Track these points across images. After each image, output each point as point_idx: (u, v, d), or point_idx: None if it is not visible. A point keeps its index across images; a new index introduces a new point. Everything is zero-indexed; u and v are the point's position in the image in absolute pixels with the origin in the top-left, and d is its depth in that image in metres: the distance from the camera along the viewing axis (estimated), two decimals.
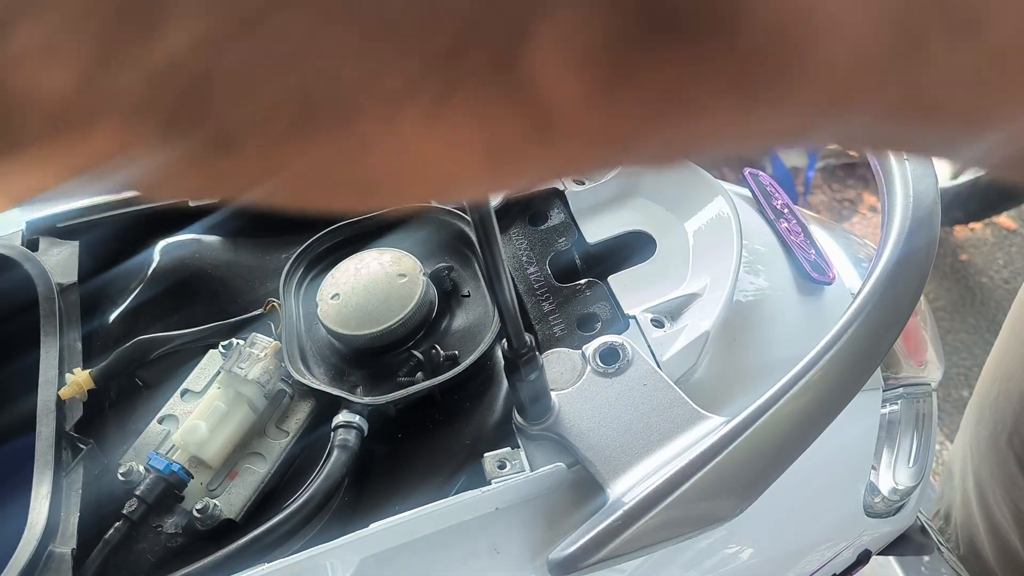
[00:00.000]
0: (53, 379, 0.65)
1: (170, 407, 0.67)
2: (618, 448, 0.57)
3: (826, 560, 0.73)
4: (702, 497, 0.52)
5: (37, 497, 0.57)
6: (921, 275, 0.59)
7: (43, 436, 0.61)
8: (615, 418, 0.59)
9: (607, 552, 0.50)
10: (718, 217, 0.72)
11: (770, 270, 0.75)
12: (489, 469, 0.58)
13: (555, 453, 0.59)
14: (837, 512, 0.72)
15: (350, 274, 0.70)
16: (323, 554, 0.53)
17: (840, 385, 0.55)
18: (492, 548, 0.56)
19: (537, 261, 0.74)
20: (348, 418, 0.62)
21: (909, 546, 0.89)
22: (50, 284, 0.70)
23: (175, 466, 0.61)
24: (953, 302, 2.15)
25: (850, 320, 0.55)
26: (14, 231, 0.77)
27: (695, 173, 0.76)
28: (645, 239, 0.74)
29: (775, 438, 0.53)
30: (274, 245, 0.81)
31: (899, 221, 0.60)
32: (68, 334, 0.69)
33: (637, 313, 0.66)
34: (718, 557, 0.64)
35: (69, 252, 0.76)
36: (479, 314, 0.70)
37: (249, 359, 0.66)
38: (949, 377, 2.02)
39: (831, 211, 2.41)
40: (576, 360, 0.63)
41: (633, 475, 0.55)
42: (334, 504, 0.62)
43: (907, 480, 0.80)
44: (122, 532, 0.59)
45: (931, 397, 0.86)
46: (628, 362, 0.61)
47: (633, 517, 0.51)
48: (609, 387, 0.61)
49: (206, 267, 0.77)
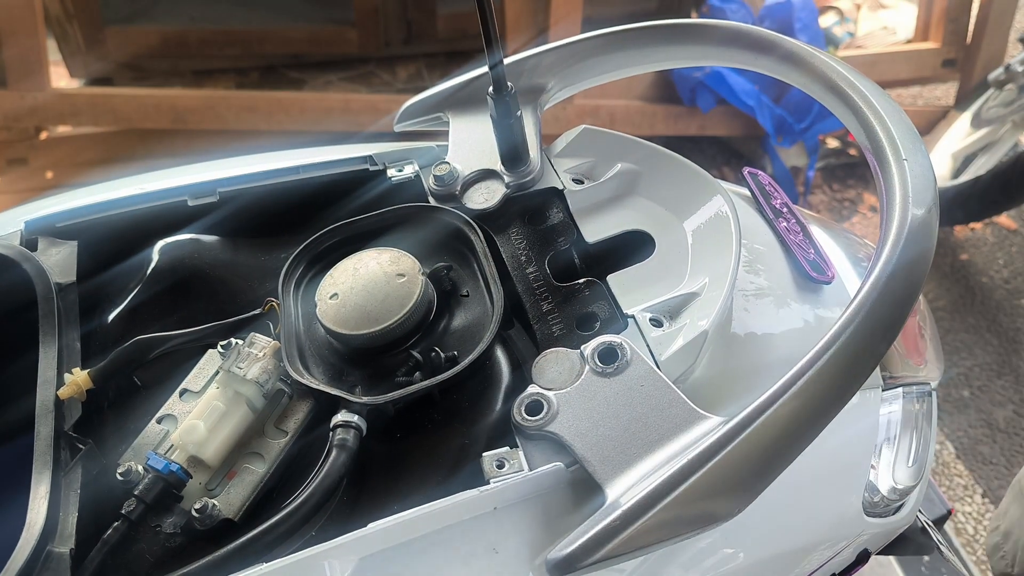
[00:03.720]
0: (52, 379, 0.65)
1: (169, 407, 0.67)
2: (616, 448, 0.57)
3: (826, 559, 0.73)
4: (700, 497, 0.52)
5: (36, 497, 0.57)
6: (920, 275, 0.59)
7: (42, 436, 0.61)
8: (613, 418, 0.59)
9: (605, 552, 0.50)
10: (717, 216, 0.72)
11: (769, 269, 0.75)
12: (488, 469, 0.58)
13: (554, 453, 0.59)
14: (837, 512, 0.72)
15: (349, 274, 0.70)
16: (322, 553, 0.53)
17: (839, 385, 0.55)
18: (491, 547, 0.56)
19: (536, 260, 0.74)
20: (347, 418, 0.62)
21: (909, 546, 0.89)
22: (49, 284, 0.70)
23: (174, 466, 0.61)
24: (953, 302, 2.15)
25: (849, 319, 0.55)
26: (13, 231, 0.77)
27: (694, 173, 0.76)
28: (644, 238, 0.74)
29: (774, 438, 0.53)
30: (273, 245, 0.81)
31: (898, 220, 0.60)
32: (67, 334, 0.69)
33: (636, 312, 0.66)
34: (718, 557, 0.64)
35: (68, 252, 0.76)
36: (478, 314, 0.70)
37: (248, 359, 0.66)
38: (949, 377, 2.02)
39: (831, 211, 2.41)
40: (575, 360, 0.63)
41: (631, 475, 0.55)
42: (333, 504, 0.62)
43: (906, 480, 0.80)
44: (121, 532, 0.59)
45: (931, 397, 0.86)
46: (627, 362, 0.61)
47: (631, 517, 0.51)
48: (608, 387, 0.60)
49: (205, 267, 0.77)
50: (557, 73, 0.86)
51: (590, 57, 0.85)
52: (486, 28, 0.67)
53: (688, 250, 0.71)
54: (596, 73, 0.87)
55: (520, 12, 2.29)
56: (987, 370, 2.03)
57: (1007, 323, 2.12)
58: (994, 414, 1.94)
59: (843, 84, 0.70)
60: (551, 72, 0.86)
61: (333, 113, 2.34)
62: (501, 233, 0.77)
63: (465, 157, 0.80)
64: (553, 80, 0.86)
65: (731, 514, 0.53)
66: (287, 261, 0.74)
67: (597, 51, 0.85)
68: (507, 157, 0.78)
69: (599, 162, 0.80)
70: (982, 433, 1.90)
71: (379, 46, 2.64)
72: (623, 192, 0.78)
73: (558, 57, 0.85)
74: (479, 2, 0.66)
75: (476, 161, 0.80)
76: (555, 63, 0.85)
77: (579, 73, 0.86)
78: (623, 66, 0.86)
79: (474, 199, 0.78)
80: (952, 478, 1.83)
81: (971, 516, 1.75)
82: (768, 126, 2.39)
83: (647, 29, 0.83)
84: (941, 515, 1.14)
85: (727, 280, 0.66)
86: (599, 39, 0.84)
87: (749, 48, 0.77)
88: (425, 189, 0.81)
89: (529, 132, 0.81)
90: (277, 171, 0.83)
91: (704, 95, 2.42)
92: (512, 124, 0.75)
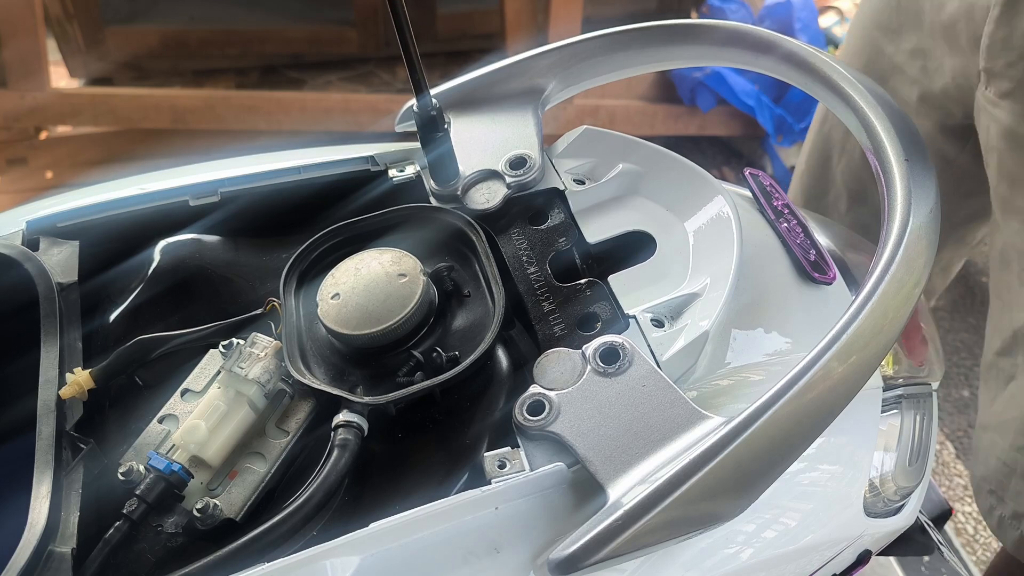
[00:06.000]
0: (53, 379, 0.65)
1: (170, 407, 0.67)
2: (618, 448, 0.57)
3: (826, 560, 0.73)
4: (703, 497, 0.52)
5: (37, 497, 0.57)
6: (921, 274, 0.59)
7: (43, 436, 0.61)
8: (615, 418, 0.59)
9: (608, 552, 0.50)
10: (718, 217, 0.72)
11: (770, 269, 0.75)
12: (489, 469, 0.58)
13: (555, 453, 0.59)
14: (837, 512, 0.72)
15: (350, 274, 0.70)
16: (323, 553, 0.53)
17: (841, 385, 0.55)
18: (492, 548, 0.56)
19: (537, 261, 0.74)
20: (348, 418, 0.62)
21: (909, 546, 0.89)
22: (50, 284, 0.70)
23: (175, 466, 0.61)
24: (953, 302, 2.15)
25: (851, 318, 0.55)
26: (14, 231, 0.77)
27: (695, 173, 0.76)
28: (645, 239, 0.74)
29: (776, 437, 0.53)
30: (274, 245, 0.81)
31: (899, 220, 0.60)
32: (68, 334, 0.69)
33: (637, 313, 0.66)
34: (718, 557, 0.64)
35: (69, 252, 0.76)
36: (479, 314, 0.70)
37: (249, 359, 0.66)
38: (949, 377, 2.02)
39: None
40: (576, 360, 0.63)
41: (633, 475, 0.55)
42: (334, 504, 0.62)
43: (907, 480, 0.80)
44: (122, 532, 0.59)
45: (931, 397, 0.86)
46: (628, 362, 0.61)
47: (634, 517, 0.51)
48: (609, 387, 0.61)
49: (206, 267, 0.77)
50: (557, 74, 0.86)
51: (590, 58, 0.85)
52: (415, 79, 0.69)
53: (689, 250, 0.71)
54: (596, 74, 0.87)
55: (520, 12, 2.30)
56: None
57: None
58: None
59: (844, 84, 0.70)
60: (551, 73, 0.86)
61: (333, 113, 2.34)
62: (502, 233, 0.77)
63: (466, 157, 0.80)
64: (553, 81, 0.86)
65: (734, 513, 0.53)
66: (288, 261, 0.74)
67: (597, 52, 0.85)
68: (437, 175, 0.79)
69: (600, 163, 0.80)
70: None
71: (379, 46, 2.64)
72: (624, 192, 0.78)
73: (558, 58, 0.85)
74: (403, 46, 0.67)
75: (477, 161, 0.80)
76: (555, 64, 0.85)
77: (579, 74, 0.86)
78: (623, 67, 0.86)
79: (475, 199, 0.78)
80: (952, 478, 1.83)
81: (971, 516, 1.76)
82: (768, 126, 2.39)
83: (647, 30, 0.83)
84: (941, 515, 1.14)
85: (729, 280, 0.66)
86: (599, 40, 0.84)
87: (749, 48, 0.78)
88: (426, 190, 0.81)
89: (530, 133, 0.81)
90: (278, 171, 0.83)
91: (704, 95, 2.42)
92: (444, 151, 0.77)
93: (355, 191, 0.83)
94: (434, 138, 0.75)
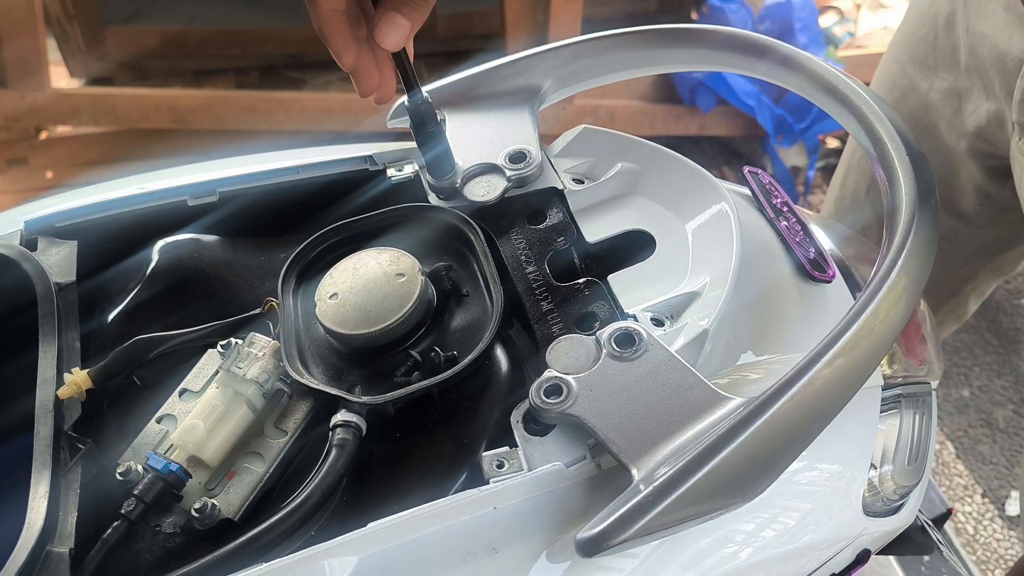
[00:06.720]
0: (51, 379, 0.65)
1: (168, 407, 0.67)
2: (640, 429, 0.57)
3: (825, 559, 0.73)
4: (728, 475, 0.51)
5: (35, 497, 0.57)
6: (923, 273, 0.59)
7: (41, 436, 0.61)
8: (635, 400, 0.58)
9: (636, 531, 0.49)
10: (718, 216, 0.72)
11: (770, 268, 0.75)
12: (487, 468, 0.58)
13: (554, 452, 0.59)
14: (836, 511, 0.72)
15: (348, 273, 0.70)
16: (321, 553, 0.53)
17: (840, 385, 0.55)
18: (490, 547, 0.56)
19: (536, 260, 0.74)
20: (346, 418, 0.62)
21: (909, 546, 0.89)
22: (48, 284, 0.70)
23: (173, 466, 0.61)
24: None
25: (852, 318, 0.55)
26: (12, 231, 0.77)
27: (695, 172, 0.76)
28: (645, 238, 0.74)
29: (795, 419, 0.53)
30: (272, 245, 0.81)
31: (901, 219, 0.60)
32: (66, 334, 0.69)
33: (637, 312, 0.66)
34: (717, 556, 0.64)
35: (68, 252, 0.76)
36: (478, 314, 0.70)
37: (247, 359, 0.66)
38: (949, 377, 2.02)
39: None
40: (590, 345, 0.62)
41: (658, 454, 0.55)
42: (332, 503, 0.62)
43: (906, 479, 0.80)
44: (120, 532, 0.59)
45: (930, 396, 0.86)
46: (645, 347, 0.61)
47: (663, 493, 0.50)
48: (627, 370, 0.60)
49: (204, 267, 0.77)
50: (554, 75, 0.86)
51: (586, 60, 0.85)
52: (406, 76, 0.69)
53: (689, 249, 0.71)
54: (592, 76, 0.87)
55: (520, 12, 2.30)
56: (987, 370, 2.03)
57: (1007, 323, 2.12)
58: (994, 414, 1.94)
59: (840, 86, 0.70)
60: (548, 73, 0.86)
61: (333, 113, 2.34)
62: (501, 233, 0.77)
63: (464, 152, 0.80)
64: (550, 81, 0.86)
65: (755, 493, 0.52)
66: (287, 261, 0.74)
67: (594, 54, 0.85)
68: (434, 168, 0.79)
69: (599, 162, 0.80)
70: (982, 433, 1.91)
71: None
72: (623, 192, 0.78)
73: (556, 59, 0.85)
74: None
75: (476, 155, 0.80)
76: (552, 65, 0.86)
77: (575, 76, 0.86)
78: (620, 69, 0.86)
79: (474, 191, 0.78)
80: (952, 478, 1.83)
81: (971, 516, 1.75)
82: (768, 126, 2.39)
83: (645, 33, 0.83)
84: (941, 515, 1.14)
85: (728, 280, 0.66)
86: (596, 42, 0.84)
87: (744, 53, 0.78)
88: (425, 189, 0.81)
89: (528, 130, 0.81)
90: (277, 171, 0.83)
91: (704, 95, 2.42)
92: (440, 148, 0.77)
93: (353, 191, 0.83)
94: (427, 132, 0.75)
